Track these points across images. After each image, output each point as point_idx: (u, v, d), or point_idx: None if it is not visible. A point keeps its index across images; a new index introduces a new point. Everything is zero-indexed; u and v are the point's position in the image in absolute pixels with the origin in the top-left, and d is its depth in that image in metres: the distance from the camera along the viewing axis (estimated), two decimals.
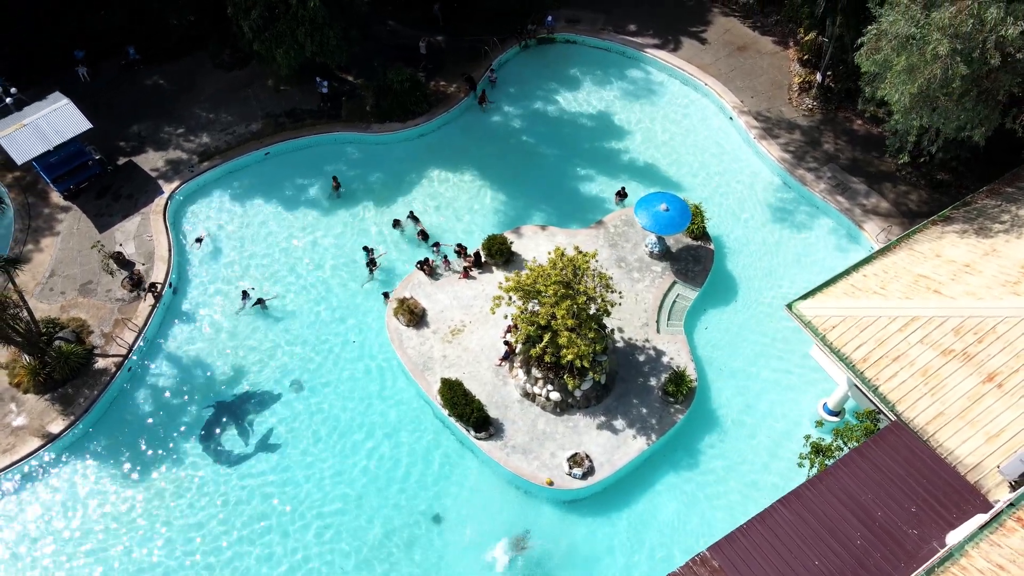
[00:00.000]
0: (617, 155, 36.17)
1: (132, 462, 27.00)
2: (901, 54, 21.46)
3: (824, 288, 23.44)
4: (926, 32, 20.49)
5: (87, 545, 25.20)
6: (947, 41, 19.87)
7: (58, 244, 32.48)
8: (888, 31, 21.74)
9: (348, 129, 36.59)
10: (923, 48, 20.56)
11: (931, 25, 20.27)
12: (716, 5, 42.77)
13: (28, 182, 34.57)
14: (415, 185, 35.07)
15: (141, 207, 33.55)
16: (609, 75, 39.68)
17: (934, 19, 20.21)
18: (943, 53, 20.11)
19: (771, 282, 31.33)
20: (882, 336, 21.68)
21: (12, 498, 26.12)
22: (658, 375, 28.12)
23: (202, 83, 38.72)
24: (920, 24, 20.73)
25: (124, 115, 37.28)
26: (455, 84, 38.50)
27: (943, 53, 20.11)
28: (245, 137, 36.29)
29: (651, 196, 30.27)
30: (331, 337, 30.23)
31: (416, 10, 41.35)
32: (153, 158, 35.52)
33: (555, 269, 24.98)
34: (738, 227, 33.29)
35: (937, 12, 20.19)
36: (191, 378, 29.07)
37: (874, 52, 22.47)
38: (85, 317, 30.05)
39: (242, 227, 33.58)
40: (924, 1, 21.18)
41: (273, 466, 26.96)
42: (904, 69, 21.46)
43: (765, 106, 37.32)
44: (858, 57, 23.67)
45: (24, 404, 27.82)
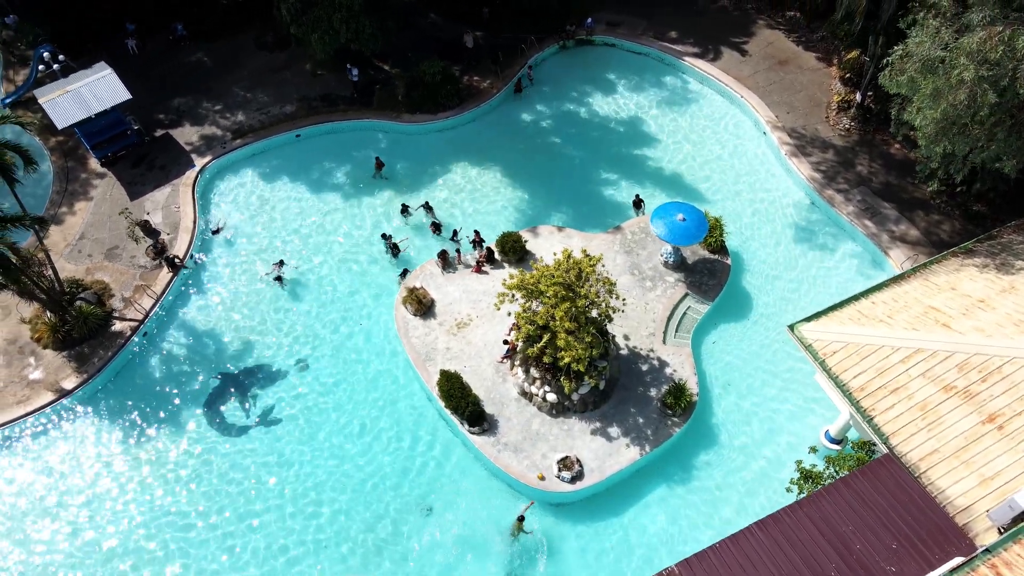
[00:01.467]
0: (643, 162, 35.85)
1: (137, 424, 27.84)
2: (928, 77, 20.79)
3: (829, 312, 22.90)
4: (953, 56, 19.80)
5: (81, 497, 26.11)
6: (973, 67, 19.16)
7: (91, 208, 33.66)
8: (914, 52, 21.08)
9: (378, 117, 37.04)
10: (949, 73, 19.87)
11: (959, 49, 19.59)
12: (762, 17, 42.03)
13: (69, 147, 35.89)
14: (438, 176, 35.33)
15: (172, 179, 34.54)
16: (644, 81, 39.34)
17: (963, 44, 19.51)
18: (969, 79, 19.40)
19: (787, 303, 30.69)
20: (883, 366, 21.08)
21: (20, 446, 27.18)
22: (659, 386, 27.82)
23: (243, 63, 39.64)
24: (948, 47, 20.03)
25: (166, 89, 38.41)
26: (489, 80, 38.64)
27: (969, 79, 19.40)
28: (279, 118, 37.04)
29: (668, 205, 29.94)
30: (340, 320, 30.67)
31: (461, 5, 41.55)
32: (189, 132, 36.52)
33: (558, 270, 24.89)
34: (759, 244, 32.70)
35: (966, 37, 19.49)
36: (202, 348, 29.83)
37: (898, 73, 21.80)
38: (108, 281, 31.09)
39: (266, 205, 34.30)
40: (958, 25, 20.45)
41: (270, 442, 27.47)
42: (930, 93, 20.78)
43: (801, 123, 36.54)
44: (882, 77, 23.01)
45: (42, 359, 28.92)
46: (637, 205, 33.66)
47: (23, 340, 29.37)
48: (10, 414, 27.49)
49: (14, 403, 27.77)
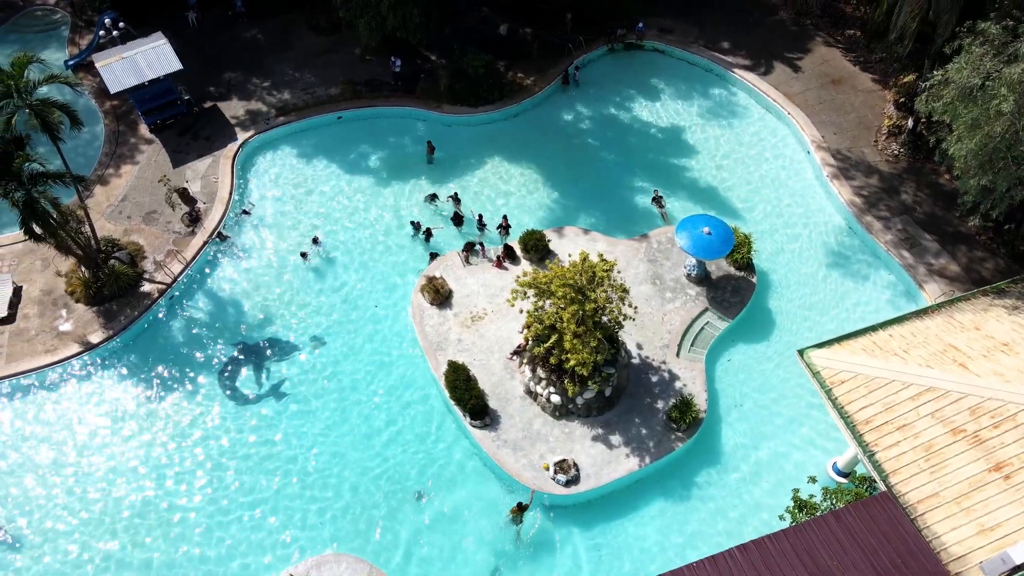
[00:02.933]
0: (679, 171, 35.33)
1: (154, 383, 28.75)
2: (969, 106, 19.92)
3: (843, 340, 22.21)
4: (994, 86, 18.92)
5: (91, 448, 27.11)
6: (1014, 98, 18.26)
7: (135, 172, 34.86)
8: (953, 79, 20.20)
9: (420, 106, 37.36)
10: (988, 103, 18.99)
11: (1000, 80, 18.70)
12: (821, 33, 40.94)
13: (123, 112, 37.23)
14: (471, 169, 35.47)
15: (215, 150, 35.51)
16: (690, 90, 38.74)
17: (1004, 74, 18.62)
18: (1007, 110, 18.50)
19: (810, 328, 29.87)
20: (892, 401, 20.35)
21: (43, 393, 28.36)
22: (667, 399, 27.43)
23: (295, 43, 40.45)
24: (990, 77, 19.15)
25: (219, 62, 39.47)
26: (532, 78, 38.59)
27: (1007, 110, 18.50)
28: (323, 99, 37.70)
29: (695, 218, 29.46)
30: (359, 301, 31.10)
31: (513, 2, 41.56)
32: (236, 106, 37.47)
33: (571, 272, 24.74)
34: (788, 265, 31.91)
35: (1010, 67, 18.60)
36: (223, 316, 30.62)
37: (935, 99, 20.94)
38: (143, 243, 32.16)
39: (301, 183, 34.96)
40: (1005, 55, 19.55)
41: (278, 412, 28.03)
42: (968, 123, 19.91)
43: (847, 145, 35.50)
44: (919, 101, 22.14)
45: (73, 312, 30.11)
46: (657, 202, 33.16)
47: (58, 292, 30.62)
48: (38, 362, 28.70)
49: (43, 351, 28.98)
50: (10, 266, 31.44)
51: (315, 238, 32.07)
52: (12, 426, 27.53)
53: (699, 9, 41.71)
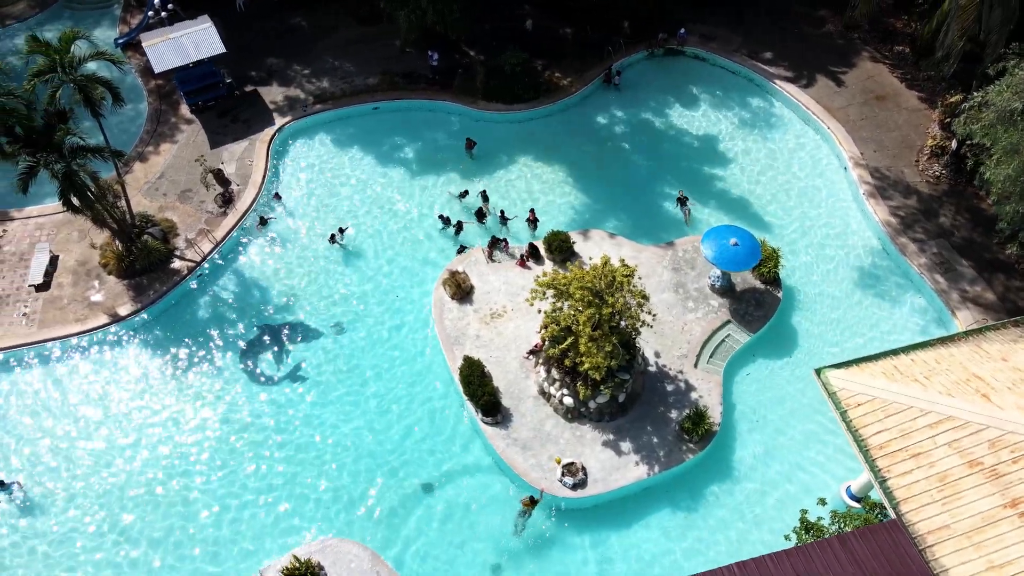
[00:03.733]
0: (711, 180, 34.91)
1: (177, 358, 29.38)
2: (1009, 130, 19.30)
3: (862, 362, 21.67)
4: None
5: (112, 417, 27.81)
6: None
7: (174, 151, 35.63)
8: (993, 101, 19.59)
9: (455, 100, 37.51)
10: None
11: None
12: (868, 48, 40.08)
13: (166, 91, 38.08)
14: (502, 166, 35.50)
15: (252, 133, 36.12)
16: (729, 99, 38.24)
17: None
18: None
19: (834, 347, 29.27)
20: (908, 428, 19.81)
21: (70, 360, 29.18)
22: (681, 409, 27.15)
23: (337, 31, 40.92)
24: None
25: (263, 48, 40.11)
26: (570, 78, 38.47)
27: None
28: (360, 89, 38.09)
29: (722, 228, 29.10)
30: (383, 290, 31.37)
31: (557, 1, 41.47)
32: (275, 92, 38.06)
33: (590, 275, 24.60)
34: (816, 282, 31.32)
35: None
36: (248, 297, 31.14)
37: (973, 121, 20.31)
38: (176, 220, 32.87)
39: (333, 171, 35.38)
40: None
41: (295, 394, 28.44)
42: (1006, 148, 19.29)
43: (886, 164, 34.71)
44: (957, 123, 21.51)
45: (105, 284, 30.91)
46: (682, 203, 32.97)
47: (92, 264, 31.46)
48: (68, 329, 29.54)
49: (73, 320, 29.82)
50: (48, 235, 32.40)
51: (342, 228, 32.36)
52: (37, 390, 28.38)
53: (745, 18, 41.14)
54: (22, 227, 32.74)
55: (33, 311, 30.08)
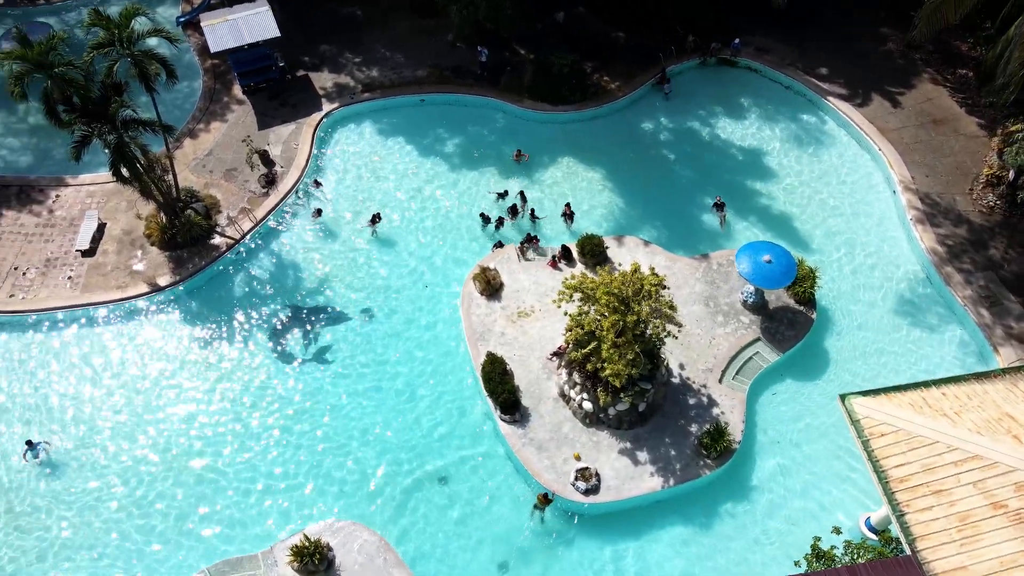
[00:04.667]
0: (753, 194, 34.31)
1: (209, 331, 30.10)
2: None
3: (890, 392, 21.08)
4: None
5: (142, 384, 28.66)
6: None
7: (224, 130, 36.49)
8: None
9: (501, 98, 37.56)
10: None
11: None
12: (929, 70, 38.89)
13: (220, 71, 39.00)
14: (543, 167, 35.45)
15: (299, 117, 36.76)
16: (779, 113, 37.52)
17: None
18: None
19: (866, 375, 28.51)
20: (932, 463, 19.21)
21: (108, 326, 30.14)
22: (701, 424, 26.79)
23: (392, 22, 41.33)
24: None
25: (318, 34, 40.76)
26: (617, 82, 38.21)
27: None
28: (409, 80, 38.44)
29: (757, 244, 28.58)
30: (414, 282, 31.58)
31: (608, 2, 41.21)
32: (325, 78, 38.66)
33: (618, 281, 24.42)
34: (852, 306, 30.55)
35: None
36: (282, 278, 31.72)
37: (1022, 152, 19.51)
38: (220, 197, 33.66)
39: (375, 159, 35.78)
40: None
41: (319, 376, 28.89)
42: None
43: (938, 190, 33.65)
44: (1008, 153, 20.69)
45: (147, 254, 31.83)
46: (719, 208, 32.59)
47: (136, 234, 32.43)
48: (108, 295, 30.51)
49: (114, 287, 30.79)
50: (98, 203, 33.50)
51: (377, 214, 32.68)
52: (73, 352, 29.37)
53: (803, 32, 40.22)
54: (74, 194, 33.92)
55: (78, 275, 31.14)
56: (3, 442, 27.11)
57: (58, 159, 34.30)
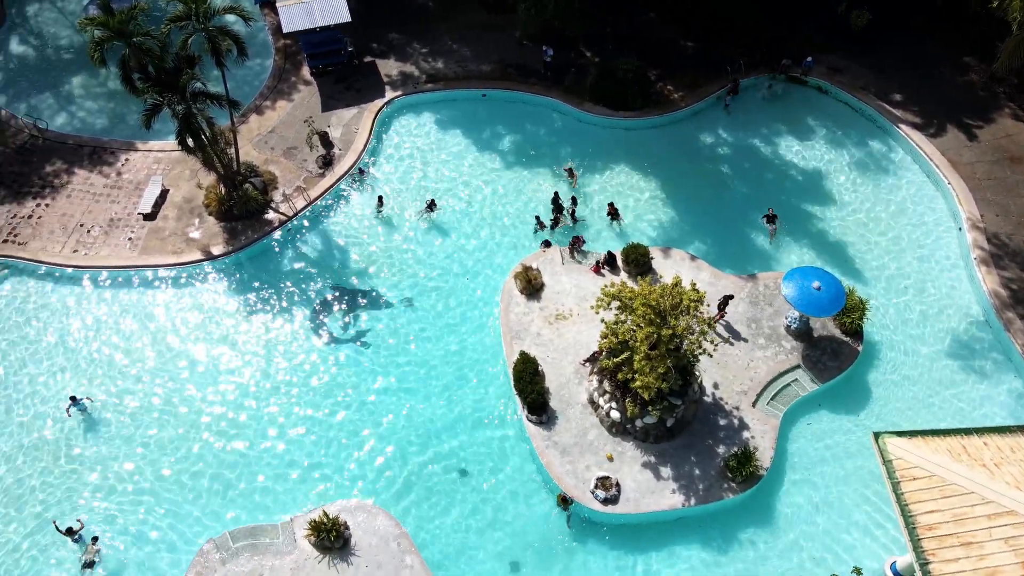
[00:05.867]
0: (809, 217, 33.43)
1: (254, 303, 30.96)
2: None
3: (928, 435, 20.33)
4: None
5: (187, 344, 29.72)
6: None
7: (288, 109, 37.41)
8: None
9: (562, 99, 37.48)
10: None
11: None
12: (1012, 105, 37.17)
13: (292, 51, 39.98)
14: (597, 171, 35.26)
15: (362, 103, 37.42)
16: (845, 137, 36.43)
17: None
18: None
19: (908, 416, 27.46)
20: (964, 514, 18.47)
21: (160, 288, 31.30)
22: (729, 446, 26.30)
23: (462, 15, 41.66)
24: None
25: (387, 22, 41.36)
26: (681, 92, 37.69)
27: None
28: (472, 74, 38.70)
29: (807, 269, 27.85)
30: (458, 273, 31.83)
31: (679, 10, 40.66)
32: (391, 66, 39.23)
33: (656, 293, 24.13)
34: (902, 342, 29.49)
35: None
36: (330, 258, 32.38)
37: None
38: (278, 174, 34.54)
39: (432, 149, 36.15)
40: None
41: (354, 358, 29.41)
42: None
43: (1008, 230, 32.19)
44: None
45: (204, 223, 32.91)
46: (769, 220, 32.03)
47: (196, 202, 33.54)
48: (164, 259, 31.69)
49: (170, 251, 31.94)
50: (163, 170, 34.77)
51: (432, 201, 33.00)
52: (126, 311, 30.59)
53: (881, 55, 38.91)
54: (142, 159, 35.28)
55: (138, 237, 32.41)
56: (51, 393, 28.36)
57: (131, 124, 35.74)
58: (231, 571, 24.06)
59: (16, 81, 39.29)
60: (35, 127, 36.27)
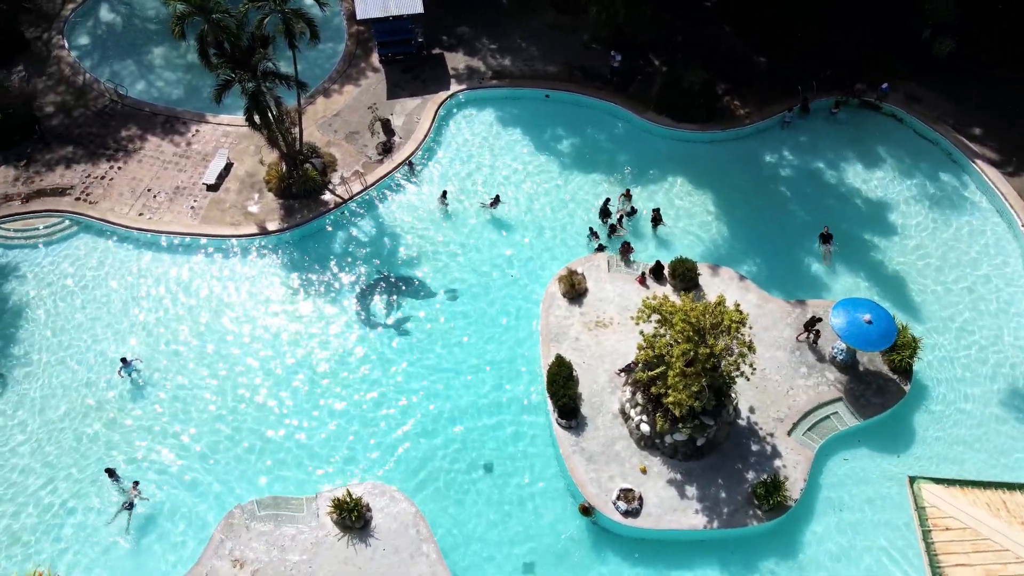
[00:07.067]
0: (869, 248, 32.40)
1: (302, 280, 31.74)
2: None
3: (967, 486, 19.53)
4: None
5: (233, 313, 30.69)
6: None
7: (355, 94, 38.15)
8: None
9: (625, 105, 37.24)
10: None
11: None
12: None
13: (364, 38, 40.75)
14: (652, 181, 34.92)
15: (427, 93, 37.91)
16: (916, 168, 35.18)
17: None
18: None
19: (952, 465, 26.34)
20: (995, 572, 17.69)
21: (215, 257, 32.37)
22: (759, 472, 25.77)
23: (533, 15, 41.76)
24: None
25: (460, 16, 41.77)
26: (748, 108, 36.99)
27: None
28: (539, 73, 38.77)
29: (859, 301, 27.04)
30: (501, 270, 31.98)
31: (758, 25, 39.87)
32: (458, 59, 39.60)
33: (697, 311, 23.78)
34: (954, 386, 28.36)
35: None
36: (379, 244, 32.94)
37: None
38: (338, 157, 35.27)
39: (492, 146, 36.37)
40: None
41: (395, 345, 29.85)
42: None
43: None
44: None
45: (263, 198, 33.86)
46: (825, 239, 31.46)
47: (257, 177, 34.54)
48: (222, 231, 32.76)
49: (228, 223, 32.99)
50: (230, 144, 35.89)
51: (496, 198, 33.09)
52: (180, 277, 31.73)
53: (964, 86, 37.38)
54: (211, 131, 36.50)
55: (200, 206, 33.56)
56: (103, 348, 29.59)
57: (204, 97, 36.95)
58: (254, 536, 24.76)
59: (103, 47, 41.12)
60: (116, 92, 37.91)
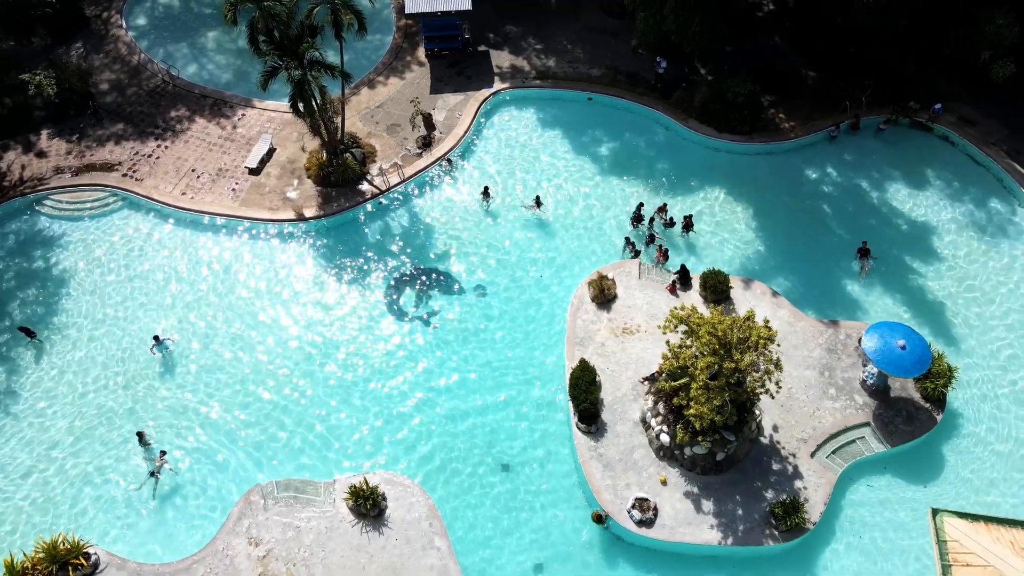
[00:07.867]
0: (910, 272, 31.63)
1: (335, 268, 32.14)
2: None
3: (992, 522, 18.98)
4: None
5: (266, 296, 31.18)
6: None
7: (399, 87, 38.50)
8: None
9: (668, 113, 36.95)
10: None
11: None
12: None
13: (411, 32, 41.09)
14: (691, 191, 34.60)
15: (470, 90, 38.07)
16: (965, 192, 34.23)
17: None
18: None
19: (980, 500, 25.64)
20: None
21: (253, 241, 32.98)
22: (778, 492, 25.37)
23: (581, 17, 41.68)
24: None
25: (507, 14, 41.87)
26: (793, 122, 36.39)
27: None
28: (582, 76, 38.66)
29: (894, 325, 26.40)
30: (532, 270, 31.99)
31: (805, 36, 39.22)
32: (503, 58, 39.68)
33: (725, 324, 23.49)
34: (989, 419, 27.58)
35: None
36: (412, 237, 33.20)
37: None
38: (378, 148, 35.64)
39: (529, 145, 36.39)
40: None
41: (422, 338, 30.08)
42: None
43: None
44: None
45: (302, 185, 34.38)
46: (863, 254, 31.02)
47: (297, 164, 35.09)
48: (260, 214, 33.38)
49: (267, 207, 33.58)
50: (274, 130, 36.51)
51: (537, 199, 33.03)
52: (217, 257, 32.42)
53: (1021, 111, 36.19)
54: (256, 116, 37.17)
55: (241, 189, 34.22)
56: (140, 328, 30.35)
57: (251, 83, 37.64)
58: (271, 516, 25.17)
59: (159, 28, 42.16)
60: (168, 73, 38.86)
